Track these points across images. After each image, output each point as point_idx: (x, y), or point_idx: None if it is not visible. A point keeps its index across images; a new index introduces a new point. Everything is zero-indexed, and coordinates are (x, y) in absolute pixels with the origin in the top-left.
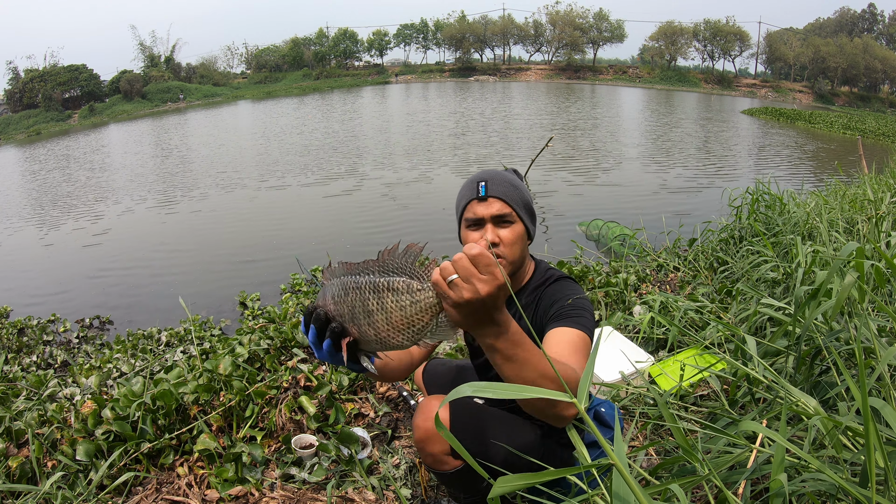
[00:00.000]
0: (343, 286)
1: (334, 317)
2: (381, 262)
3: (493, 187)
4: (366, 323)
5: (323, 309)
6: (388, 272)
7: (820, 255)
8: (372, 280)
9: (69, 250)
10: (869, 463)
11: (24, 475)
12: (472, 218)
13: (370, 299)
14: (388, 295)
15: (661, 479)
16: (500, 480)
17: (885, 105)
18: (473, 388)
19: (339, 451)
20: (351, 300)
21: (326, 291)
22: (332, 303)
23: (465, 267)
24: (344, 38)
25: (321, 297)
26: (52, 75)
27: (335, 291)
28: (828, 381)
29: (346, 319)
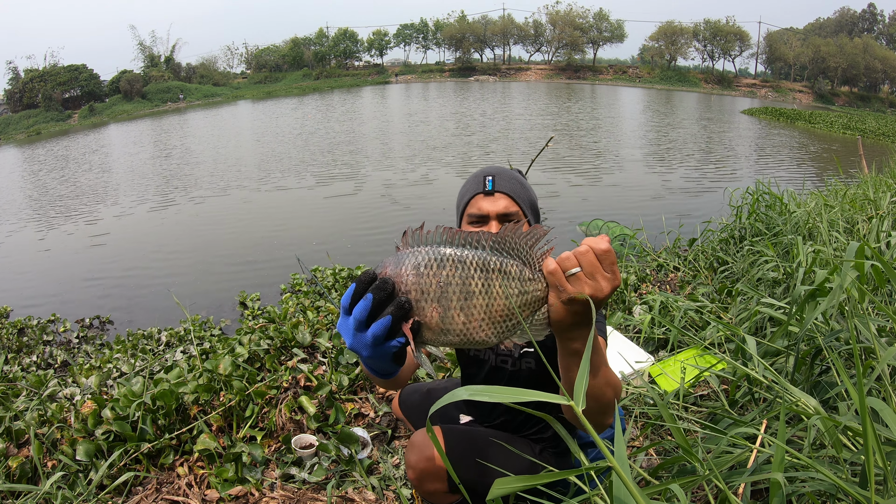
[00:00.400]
0: (439, 257)
1: (407, 290)
2: (500, 238)
3: (500, 182)
4: (457, 306)
5: (392, 279)
6: (503, 251)
7: (820, 255)
8: (482, 256)
9: (69, 251)
10: (868, 464)
11: (24, 475)
12: (476, 214)
13: (474, 279)
14: (498, 278)
15: (661, 479)
16: (499, 482)
17: (885, 105)
18: (470, 392)
19: (339, 451)
20: (447, 275)
21: (406, 259)
22: (414, 273)
23: (591, 262)
24: (344, 38)
25: (394, 265)
26: (52, 75)
27: (424, 260)
28: (828, 381)
29: (426, 297)
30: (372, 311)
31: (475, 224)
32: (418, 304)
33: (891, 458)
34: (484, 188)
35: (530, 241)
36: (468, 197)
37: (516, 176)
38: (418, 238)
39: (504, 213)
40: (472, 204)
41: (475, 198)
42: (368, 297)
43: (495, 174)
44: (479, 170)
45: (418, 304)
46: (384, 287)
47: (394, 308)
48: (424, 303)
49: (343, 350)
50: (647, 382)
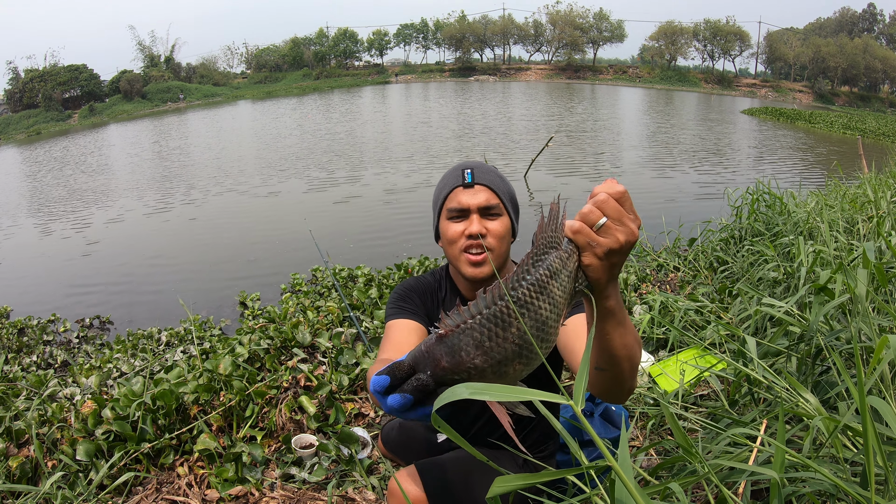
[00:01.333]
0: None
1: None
2: (536, 250)
3: (480, 175)
4: (539, 342)
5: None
6: (541, 256)
7: (821, 255)
8: (532, 282)
9: (69, 251)
10: (868, 464)
11: (25, 475)
12: (455, 208)
13: (545, 305)
14: (555, 284)
15: (661, 478)
16: (499, 480)
17: (885, 105)
18: (471, 390)
19: (339, 451)
20: (519, 330)
21: (461, 342)
22: (477, 358)
23: (615, 207)
24: (344, 38)
25: (450, 357)
26: (52, 75)
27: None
28: (828, 381)
29: (503, 364)
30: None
31: (455, 219)
32: (498, 373)
33: (891, 458)
34: (463, 181)
35: (554, 225)
36: (447, 191)
37: (495, 169)
38: (459, 315)
39: (485, 206)
40: (451, 198)
41: (454, 191)
42: (407, 398)
43: (474, 167)
44: (456, 164)
45: (498, 373)
46: (423, 389)
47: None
48: (507, 368)
49: (343, 350)
50: (647, 382)
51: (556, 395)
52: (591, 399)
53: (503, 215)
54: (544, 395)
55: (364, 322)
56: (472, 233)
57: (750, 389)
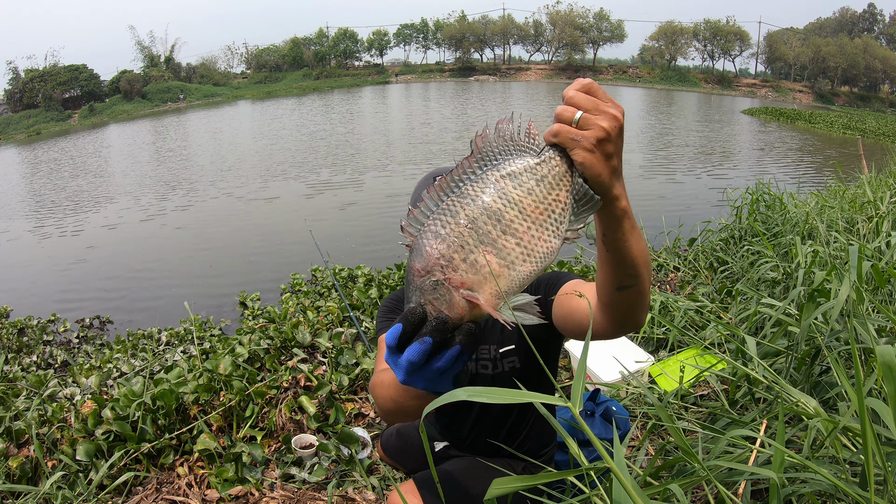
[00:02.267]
0: (447, 210)
1: (448, 260)
2: (481, 154)
3: None
4: (499, 233)
5: (450, 322)
6: (492, 161)
7: (819, 256)
8: (478, 179)
9: (69, 251)
10: (867, 465)
11: (25, 475)
12: None
13: (488, 200)
14: (508, 183)
15: (661, 479)
16: (497, 482)
17: (885, 105)
18: (469, 393)
19: (339, 451)
20: (466, 216)
21: (423, 240)
22: (441, 242)
23: (586, 98)
24: (344, 38)
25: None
26: (53, 75)
27: (437, 225)
28: (828, 381)
29: (469, 250)
30: (433, 351)
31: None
32: (469, 261)
33: (890, 459)
34: None
35: (508, 134)
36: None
37: None
38: (416, 219)
39: None
40: None
41: None
42: (427, 342)
43: (445, 174)
44: (428, 173)
45: (469, 261)
46: (443, 329)
47: (463, 336)
48: (474, 254)
49: (343, 350)
50: (647, 382)
51: (552, 397)
52: (592, 398)
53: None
54: (542, 398)
55: (364, 322)
56: None
57: (750, 389)
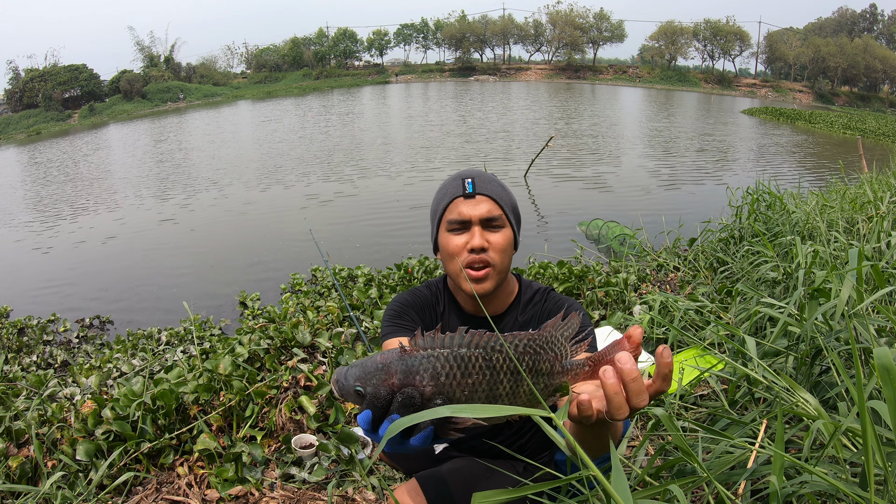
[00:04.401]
0: (464, 362)
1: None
2: (537, 337)
3: (481, 185)
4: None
5: (417, 394)
6: (537, 348)
7: (820, 256)
8: (512, 359)
9: (69, 250)
10: (868, 466)
11: (24, 475)
12: (456, 219)
13: (503, 384)
14: (527, 378)
15: (661, 479)
16: (477, 496)
17: (885, 105)
18: (452, 410)
19: (339, 451)
20: (473, 384)
21: (420, 365)
22: (433, 385)
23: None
24: (344, 38)
25: (403, 374)
26: (53, 75)
27: (445, 366)
28: (828, 381)
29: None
30: (405, 430)
31: (456, 231)
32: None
33: (891, 459)
34: (464, 191)
35: (567, 333)
36: (446, 202)
37: (496, 178)
38: (434, 339)
39: (487, 218)
40: (451, 209)
41: (454, 202)
42: (395, 419)
43: (474, 176)
44: (456, 173)
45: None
46: (411, 403)
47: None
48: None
49: (343, 350)
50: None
51: (533, 410)
52: None
53: (505, 227)
54: (525, 411)
55: (364, 322)
56: (474, 247)
57: (749, 389)
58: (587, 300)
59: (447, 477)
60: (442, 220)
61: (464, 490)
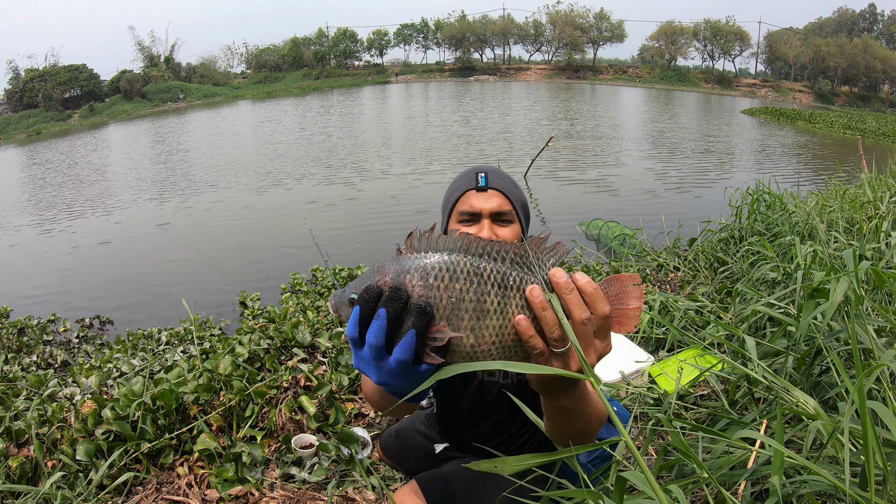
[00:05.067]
0: (453, 266)
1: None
2: (523, 252)
3: (493, 179)
4: (468, 326)
5: (404, 289)
6: (524, 267)
7: (819, 256)
8: (501, 270)
9: (69, 250)
10: (868, 466)
11: (24, 475)
12: (467, 211)
13: (491, 295)
14: (516, 297)
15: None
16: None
17: (885, 105)
18: (465, 367)
19: (339, 451)
20: (460, 288)
21: (411, 265)
22: (422, 284)
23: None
24: (344, 38)
25: (396, 272)
26: (53, 75)
27: (434, 268)
28: (828, 381)
29: (437, 314)
30: (389, 330)
31: (466, 223)
32: (426, 314)
33: (891, 459)
34: (476, 184)
35: (552, 260)
36: (459, 193)
37: (508, 174)
38: (427, 242)
39: (497, 212)
40: (463, 201)
41: (466, 194)
42: (381, 314)
43: (488, 171)
44: (470, 167)
45: (426, 314)
46: (397, 296)
47: (414, 318)
48: (437, 313)
49: (343, 350)
50: (647, 382)
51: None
52: None
53: (514, 222)
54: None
55: None
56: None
57: (749, 389)
58: None
59: (447, 478)
60: (453, 211)
61: (464, 491)
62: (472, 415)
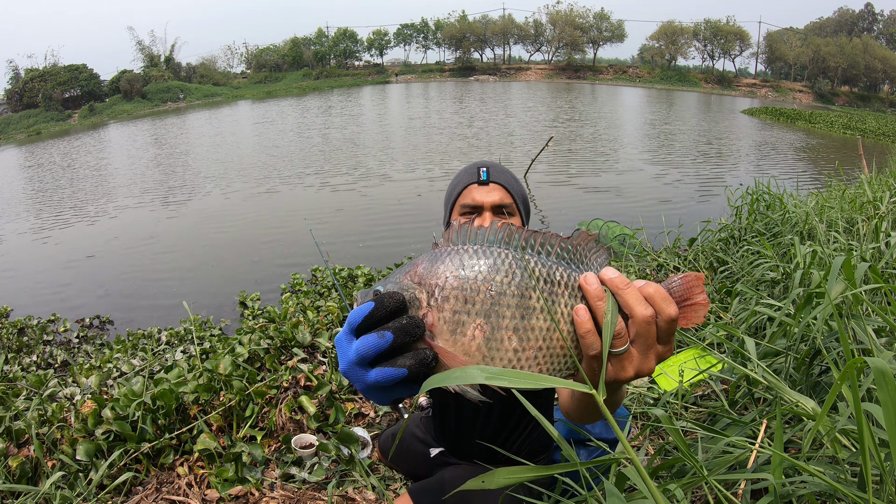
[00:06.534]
0: (492, 257)
1: (444, 298)
2: (571, 246)
3: (495, 174)
4: (510, 326)
5: (423, 325)
6: (573, 262)
7: (819, 256)
8: (548, 264)
9: (69, 250)
10: (865, 467)
11: (24, 475)
12: (469, 204)
13: (535, 291)
14: (565, 295)
15: (660, 479)
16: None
17: (885, 105)
18: (487, 375)
19: (339, 451)
20: (501, 281)
21: (447, 258)
22: (456, 276)
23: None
24: (344, 38)
25: (428, 263)
26: (53, 75)
27: (471, 260)
28: (827, 381)
29: (469, 310)
30: (385, 353)
31: (467, 216)
32: (457, 318)
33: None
34: (478, 178)
35: (600, 259)
36: (461, 187)
37: (509, 170)
38: (466, 233)
39: (498, 205)
40: (465, 194)
41: (469, 188)
42: (387, 337)
43: (489, 166)
44: (473, 162)
45: (457, 318)
46: (411, 331)
47: (414, 363)
48: (466, 317)
49: None
50: (647, 382)
51: (577, 384)
52: None
53: (515, 216)
54: (565, 384)
55: None
56: None
57: (749, 389)
58: None
59: (441, 487)
60: (455, 204)
61: (458, 499)
62: (468, 420)
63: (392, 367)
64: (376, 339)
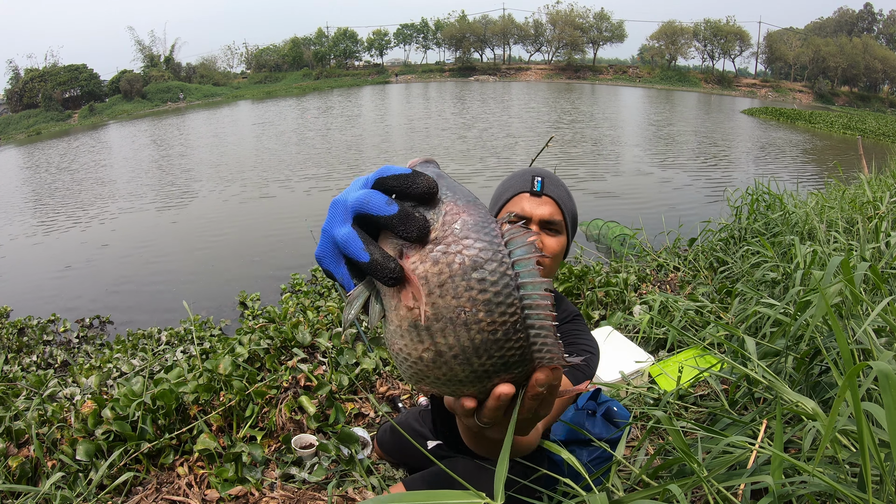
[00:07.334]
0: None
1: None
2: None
3: (549, 186)
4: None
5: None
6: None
7: (819, 256)
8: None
9: (69, 250)
10: (865, 468)
11: (24, 475)
12: (517, 214)
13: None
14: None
15: (661, 479)
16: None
17: (885, 105)
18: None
19: (339, 451)
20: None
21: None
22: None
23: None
24: (344, 38)
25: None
26: (52, 75)
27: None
28: (827, 382)
29: (444, 272)
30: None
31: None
32: (437, 281)
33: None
34: (532, 188)
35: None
36: (511, 193)
37: (564, 183)
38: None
39: (548, 220)
40: (515, 202)
41: (520, 196)
42: (392, 209)
43: (544, 176)
44: (526, 168)
45: (437, 281)
46: (411, 226)
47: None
48: (438, 289)
49: (343, 350)
50: (647, 382)
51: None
52: (594, 398)
53: (562, 234)
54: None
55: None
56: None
57: (749, 389)
58: (587, 300)
59: (434, 481)
60: (501, 209)
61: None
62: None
63: (362, 244)
64: (385, 201)
